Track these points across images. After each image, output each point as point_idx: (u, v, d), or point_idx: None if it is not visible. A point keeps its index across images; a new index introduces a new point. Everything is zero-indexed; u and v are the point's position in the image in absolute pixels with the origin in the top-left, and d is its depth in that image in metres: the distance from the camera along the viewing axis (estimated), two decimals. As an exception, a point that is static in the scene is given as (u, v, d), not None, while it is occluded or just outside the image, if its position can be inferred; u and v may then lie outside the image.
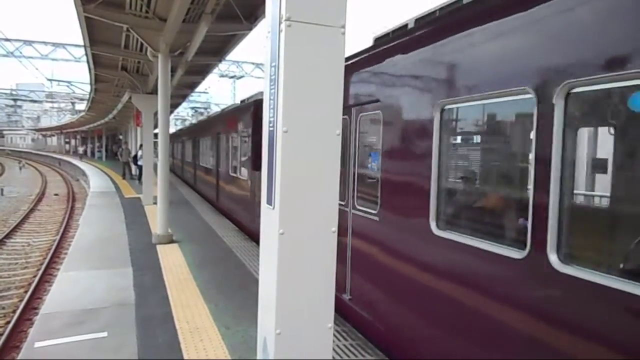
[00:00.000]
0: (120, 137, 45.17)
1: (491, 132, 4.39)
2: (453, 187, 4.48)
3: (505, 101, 3.60)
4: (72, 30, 24.12)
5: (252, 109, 11.27)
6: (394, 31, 6.01)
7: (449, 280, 4.04)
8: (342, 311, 5.84)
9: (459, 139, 4.65)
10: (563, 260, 2.95)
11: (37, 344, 5.22)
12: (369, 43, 6.32)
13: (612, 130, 3.57)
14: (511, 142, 4.15)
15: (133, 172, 26.82)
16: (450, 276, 4.03)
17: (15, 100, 63.15)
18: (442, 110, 4.15)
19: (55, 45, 29.76)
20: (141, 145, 20.18)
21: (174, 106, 31.18)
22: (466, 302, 3.83)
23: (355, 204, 5.78)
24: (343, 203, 5.90)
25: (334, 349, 4.70)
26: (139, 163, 21.67)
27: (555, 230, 2.99)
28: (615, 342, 2.69)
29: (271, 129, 3.05)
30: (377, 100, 5.25)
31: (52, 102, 58.94)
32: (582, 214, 3.64)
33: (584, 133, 3.97)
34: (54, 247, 13.58)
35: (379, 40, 6.15)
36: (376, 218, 5.22)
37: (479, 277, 3.71)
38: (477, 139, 4.60)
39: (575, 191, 3.48)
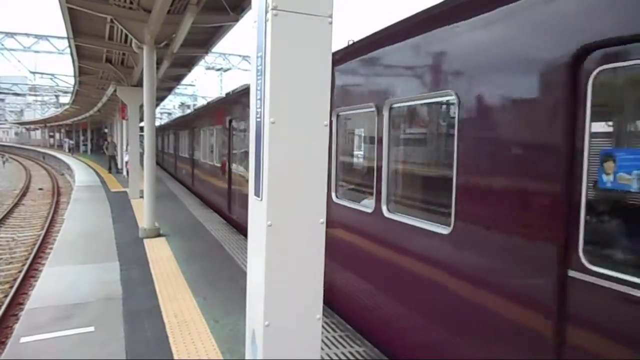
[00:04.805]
0: (106, 130, 44.64)
1: None
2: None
3: None
4: (55, 22, 23.73)
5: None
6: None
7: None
8: None
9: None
10: None
11: (23, 339, 5.15)
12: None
13: None
14: None
15: (119, 165, 26.56)
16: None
17: (-3, 93, 62.05)
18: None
19: (38, 37, 29.34)
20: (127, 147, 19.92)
21: (160, 99, 30.85)
22: None
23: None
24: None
25: (323, 341, 4.71)
26: (126, 159, 21.40)
27: None
28: None
29: (258, 120, 3.02)
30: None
31: (35, 95, 57.97)
32: None
33: None
34: (39, 242, 13.41)
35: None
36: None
37: None
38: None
39: None
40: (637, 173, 2.54)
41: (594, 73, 2.68)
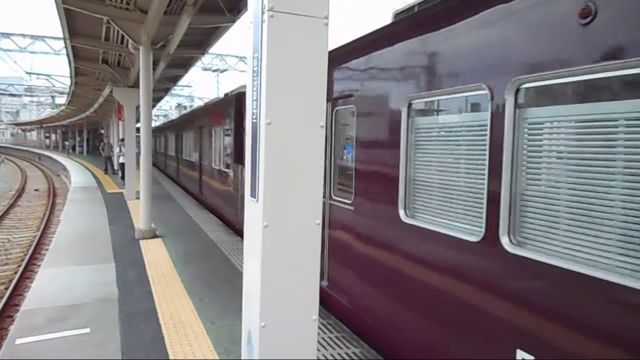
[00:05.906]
0: (102, 131, 44.55)
1: None
2: None
3: None
4: (52, 22, 23.67)
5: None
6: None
7: None
8: None
9: None
10: None
11: (18, 341, 5.14)
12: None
13: None
14: None
15: (115, 166, 26.51)
16: None
17: (-7, 94, 61.82)
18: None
19: (34, 37, 29.28)
20: (122, 139, 19.87)
21: (156, 100, 30.82)
22: None
23: None
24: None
25: (318, 342, 4.71)
26: (121, 160, 21.36)
27: None
28: None
29: (254, 121, 3.02)
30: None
31: (31, 95, 57.83)
32: None
33: None
34: (34, 243, 13.35)
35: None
36: None
37: None
38: None
39: None
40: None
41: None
